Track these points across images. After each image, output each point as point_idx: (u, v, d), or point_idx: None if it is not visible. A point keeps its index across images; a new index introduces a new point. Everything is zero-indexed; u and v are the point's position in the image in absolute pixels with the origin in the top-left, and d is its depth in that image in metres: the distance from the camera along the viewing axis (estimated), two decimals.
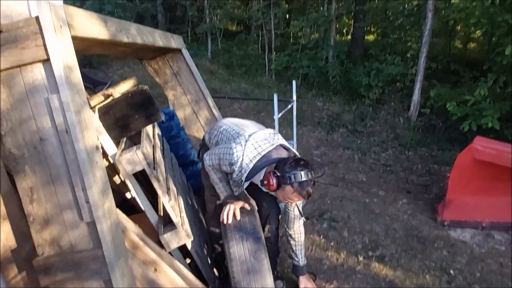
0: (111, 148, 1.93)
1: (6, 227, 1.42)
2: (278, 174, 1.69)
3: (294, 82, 4.57)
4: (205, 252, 2.33)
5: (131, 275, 1.42)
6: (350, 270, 2.60)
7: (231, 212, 1.96)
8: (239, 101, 6.20)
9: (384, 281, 2.47)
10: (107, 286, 1.31)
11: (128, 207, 2.32)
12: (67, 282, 1.30)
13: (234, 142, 1.88)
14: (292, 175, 1.65)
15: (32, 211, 1.29)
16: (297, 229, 2.17)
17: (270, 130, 2.05)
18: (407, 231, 3.07)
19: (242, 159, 1.81)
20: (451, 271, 2.56)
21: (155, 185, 1.86)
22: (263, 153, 1.82)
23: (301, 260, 2.22)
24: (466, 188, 3.06)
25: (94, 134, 1.32)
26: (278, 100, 4.04)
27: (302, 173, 1.67)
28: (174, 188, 2.17)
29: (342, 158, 4.79)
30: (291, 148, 1.95)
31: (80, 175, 1.22)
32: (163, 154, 2.45)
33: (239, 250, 1.82)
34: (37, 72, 1.15)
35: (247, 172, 1.82)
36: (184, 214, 2.13)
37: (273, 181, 1.69)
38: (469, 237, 2.98)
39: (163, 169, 2.17)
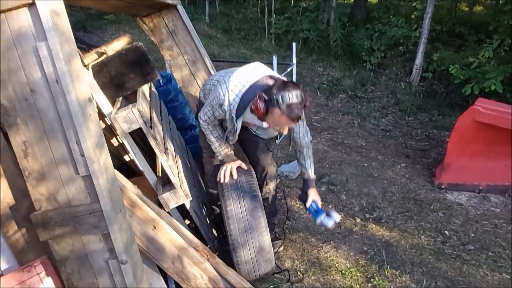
0: (106, 107, 1.88)
1: (3, 184, 1.41)
2: (266, 97, 1.63)
3: (294, 44, 4.45)
4: (204, 213, 2.35)
5: (130, 231, 1.42)
6: (347, 231, 2.65)
7: (227, 171, 1.95)
8: (237, 65, 6.06)
9: (380, 241, 2.52)
10: (106, 240, 1.31)
11: (127, 171, 2.30)
12: (66, 236, 1.31)
13: (220, 84, 1.83)
14: (280, 97, 1.58)
15: (27, 166, 1.27)
16: (304, 144, 2.02)
17: (256, 63, 1.97)
18: (404, 194, 3.10)
19: (229, 95, 1.76)
20: (446, 232, 2.61)
21: (152, 144, 1.83)
22: (248, 85, 1.75)
23: (309, 173, 2.08)
24: (465, 151, 3.05)
25: (86, 86, 1.27)
26: (278, 63, 3.95)
27: (290, 94, 1.59)
28: (172, 149, 2.15)
29: (342, 124, 4.75)
30: (280, 76, 1.88)
31: (74, 127, 1.19)
32: (160, 116, 2.41)
33: (236, 208, 1.83)
34: (23, 18, 1.09)
35: (236, 106, 1.76)
36: (182, 174, 2.12)
37: (261, 106, 1.62)
38: (465, 199, 3.02)
39: (161, 130, 2.14)
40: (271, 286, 2.13)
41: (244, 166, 1.99)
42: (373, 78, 5.90)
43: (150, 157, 2.37)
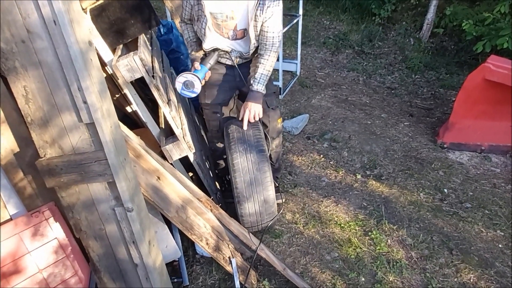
0: (107, 54, 1.82)
1: (6, 130, 1.39)
2: None
3: None
4: (207, 166, 2.36)
5: (135, 180, 1.43)
6: (347, 187, 2.69)
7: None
8: None
9: (379, 197, 2.56)
10: (112, 188, 1.32)
11: (130, 124, 2.26)
12: (72, 183, 1.31)
13: None
14: None
15: (29, 112, 1.24)
16: (266, 41, 1.90)
17: None
18: (406, 152, 3.10)
19: None
20: (445, 190, 2.65)
21: (155, 94, 1.79)
22: None
23: (256, 84, 1.93)
24: (471, 111, 3.01)
25: (85, 28, 1.21)
26: (283, 14, 3.77)
27: None
28: (175, 100, 2.10)
29: (346, 80, 4.65)
30: None
31: (75, 72, 1.14)
32: (162, 66, 2.34)
33: (242, 162, 1.83)
34: None
35: None
36: (186, 126, 2.10)
37: None
38: (466, 159, 3.03)
39: (163, 80, 2.08)
40: (272, 238, 2.20)
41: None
42: (381, 33, 5.68)
43: (152, 109, 2.33)
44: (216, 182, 2.47)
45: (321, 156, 3.06)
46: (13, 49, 1.14)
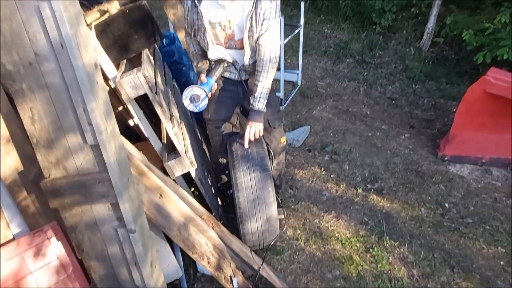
0: (110, 70, 1.82)
1: (11, 149, 1.38)
2: None
3: (302, 4, 4.24)
4: (209, 182, 2.36)
5: (139, 200, 1.43)
6: (348, 201, 2.69)
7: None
8: None
9: (380, 212, 2.56)
10: (115, 209, 1.32)
11: (131, 136, 2.27)
12: (76, 204, 1.31)
13: None
14: None
15: (35, 133, 1.24)
16: (263, 54, 1.86)
17: None
18: (407, 165, 3.11)
19: None
20: (446, 205, 2.65)
21: (158, 110, 1.79)
22: None
23: (256, 103, 1.91)
24: (472, 123, 3.02)
25: (92, 51, 1.21)
26: (285, 25, 3.79)
27: None
28: (177, 115, 2.11)
29: (347, 90, 4.66)
30: None
31: (81, 94, 1.14)
32: (165, 80, 2.35)
33: (246, 181, 1.83)
34: None
35: None
36: (188, 142, 2.10)
37: None
38: (467, 172, 3.03)
39: (166, 95, 2.08)
40: (274, 255, 2.19)
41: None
42: (382, 42, 5.70)
43: (155, 122, 2.33)
44: (218, 197, 2.46)
45: (322, 169, 3.06)
46: (20, 71, 1.15)
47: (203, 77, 1.93)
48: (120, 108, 2.41)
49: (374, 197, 2.70)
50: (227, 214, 2.39)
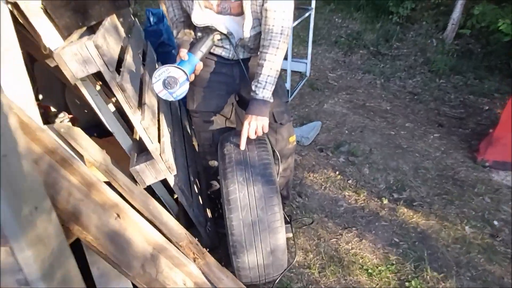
0: (53, 37, 1.30)
1: None
2: None
3: None
4: (196, 189, 1.85)
5: (61, 237, 0.89)
6: (372, 215, 2.16)
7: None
8: None
9: (414, 231, 2.03)
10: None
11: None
12: None
13: None
14: None
15: None
16: (272, 24, 1.35)
17: None
18: (441, 171, 2.56)
19: None
20: (495, 222, 2.11)
21: (119, 96, 1.27)
22: None
23: (261, 90, 1.38)
24: None
25: None
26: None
27: None
28: (154, 104, 1.59)
29: (362, 83, 4.12)
30: None
31: None
32: (142, 60, 1.83)
33: (242, 198, 1.29)
34: None
35: None
36: (167, 139, 1.59)
37: None
38: None
39: (138, 78, 1.57)
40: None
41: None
42: (399, 33, 5.15)
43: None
44: (208, 208, 1.95)
45: (337, 173, 2.53)
46: None
47: (183, 52, 1.39)
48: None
49: (404, 211, 2.17)
50: (219, 228, 1.88)
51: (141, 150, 1.54)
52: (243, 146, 1.35)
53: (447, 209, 2.19)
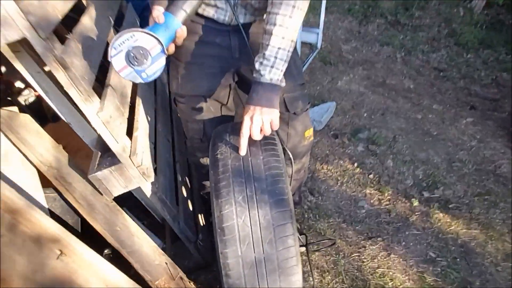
0: None
1: None
2: None
3: None
4: (184, 192, 1.46)
5: None
6: (400, 220, 1.79)
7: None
8: None
9: (453, 242, 1.66)
10: None
11: None
12: None
13: None
14: None
15: None
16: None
17: None
18: (478, 164, 2.17)
19: None
20: None
21: (59, 76, 0.86)
22: None
23: (267, 70, 0.95)
24: None
25: None
26: None
27: None
28: (125, 85, 1.17)
29: (380, 57, 3.66)
30: None
31: None
32: (115, 25, 1.40)
33: (241, 226, 0.87)
34: None
35: None
36: (143, 133, 1.19)
37: None
38: None
39: (103, 51, 1.14)
40: None
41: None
42: (421, 0, 4.61)
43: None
44: (200, 214, 1.58)
45: (355, 165, 2.15)
46: None
47: (158, 12, 0.95)
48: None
49: (439, 216, 1.79)
50: (212, 239, 1.51)
51: (106, 149, 1.14)
52: (243, 150, 0.94)
53: (490, 214, 1.81)
